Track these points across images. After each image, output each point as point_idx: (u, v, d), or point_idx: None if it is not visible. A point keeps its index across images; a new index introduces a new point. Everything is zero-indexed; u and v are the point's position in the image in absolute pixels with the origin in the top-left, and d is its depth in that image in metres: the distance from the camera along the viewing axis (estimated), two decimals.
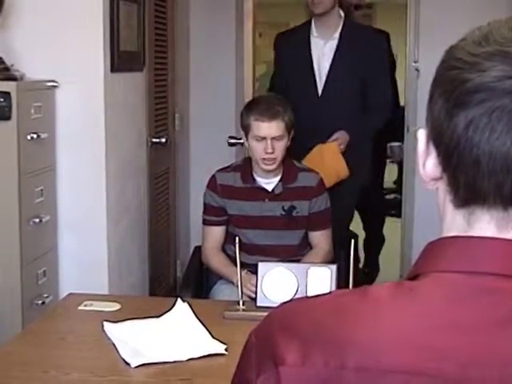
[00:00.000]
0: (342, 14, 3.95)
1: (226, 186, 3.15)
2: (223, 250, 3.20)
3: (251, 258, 3.02)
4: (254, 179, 3.13)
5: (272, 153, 3.02)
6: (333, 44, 3.86)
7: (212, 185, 3.18)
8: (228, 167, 3.24)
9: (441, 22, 4.46)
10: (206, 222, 3.21)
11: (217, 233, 3.19)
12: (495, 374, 0.73)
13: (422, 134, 0.84)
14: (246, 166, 3.17)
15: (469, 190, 0.78)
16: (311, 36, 3.92)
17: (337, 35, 3.87)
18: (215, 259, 3.16)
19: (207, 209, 3.20)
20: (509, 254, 0.77)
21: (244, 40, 4.12)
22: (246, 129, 3.10)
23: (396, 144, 5.63)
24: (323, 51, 3.87)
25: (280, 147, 3.04)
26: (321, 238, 3.18)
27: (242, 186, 3.14)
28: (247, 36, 4.20)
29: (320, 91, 3.85)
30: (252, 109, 3.10)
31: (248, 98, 4.22)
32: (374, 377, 0.75)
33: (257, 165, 3.10)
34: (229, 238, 3.15)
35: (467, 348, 0.74)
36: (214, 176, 3.19)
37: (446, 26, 3.39)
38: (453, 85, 0.77)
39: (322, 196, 3.17)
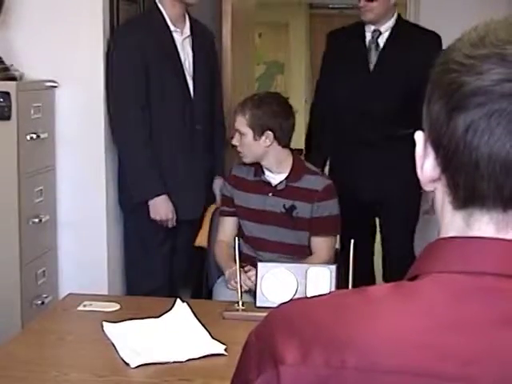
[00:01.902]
0: None
1: (238, 178, 3.23)
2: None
3: (255, 252, 3.12)
4: (263, 173, 3.19)
5: (238, 146, 3.15)
6: (189, 40, 3.44)
7: (228, 176, 3.30)
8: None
9: (441, 20, 4.45)
10: (220, 213, 3.29)
11: (228, 224, 3.23)
12: (495, 374, 0.73)
13: (419, 136, 0.84)
14: (259, 163, 3.22)
15: (468, 191, 0.78)
16: (171, 29, 3.38)
17: (188, 30, 3.44)
18: (219, 252, 3.20)
19: (223, 200, 3.30)
20: (508, 254, 0.78)
21: (223, 42, 4.05)
22: None
23: None
24: (184, 47, 3.43)
25: (244, 143, 3.12)
26: (321, 245, 3.12)
27: (252, 179, 3.20)
28: (226, 38, 4.11)
29: (192, 93, 3.44)
30: None
31: (229, 100, 4.07)
32: (373, 376, 0.75)
33: None
34: (240, 233, 3.19)
35: (467, 347, 0.74)
36: (231, 169, 3.32)
37: (446, 24, 3.38)
38: (451, 88, 0.78)
39: (327, 202, 3.10)
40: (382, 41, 3.84)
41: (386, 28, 3.83)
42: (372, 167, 3.75)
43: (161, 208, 3.34)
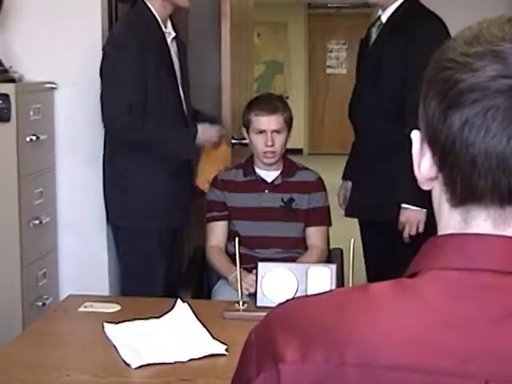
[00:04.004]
0: None
1: (226, 181, 3.25)
2: (226, 248, 3.23)
3: (252, 251, 3.12)
4: (255, 172, 3.24)
5: (272, 145, 3.15)
6: (175, 40, 3.35)
7: (214, 182, 3.29)
8: (231, 167, 3.39)
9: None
10: (208, 219, 3.27)
11: (219, 229, 3.23)
12: (492, 370, 0.73)
13: (416, 135, 0.84)
14: (247, 162, 3.30)
15: (465, 188, 0.79)
16: (163, 30, 3.27)
17: (172, 31, 3.33)
18: (215, 258, 3.20)
19: (209, 205, 3.27)
20: (506, 250, 0.78)
21: (222, 43, 4.01)
22: (247, 124, 3.23)
23: None
24: (173, 50, 3.32)
25: (279, 140, 3.18)
26: (316, 236, 3.22)
27: (243, 179, 3.25)
28: (224, 37, 4.07)
29: (182, 95, 3.34)
30: (252, 105, 3.25)
31: (229, 100, 4.00)
32: (374, 373, 0.75)
33: (258, 159, 3.23)
34: (231, 237, 3.18)
35: (465, 344, 0.75)
36: (216, 175, 3.31)
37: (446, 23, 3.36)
38: (446, 85, 0.78)
39: (320, 193, 3.25)
40: (376, 32, 3.30)
41: (385, 15, 3.25)
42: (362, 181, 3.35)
43: (208, 131, 3.30)
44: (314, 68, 12.14)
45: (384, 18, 3.26)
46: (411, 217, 3.06)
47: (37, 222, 3.13)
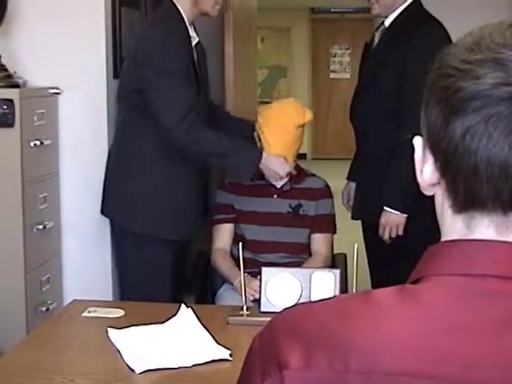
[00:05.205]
0: None
1: (234, 184, 3.27)
2: (231, 251, 3.24)
3: (257, 256, 3.15)
4: (264, 177, 3.23)
5: None
6: (196, 48, 3.23)
7: (221, 185, 3.33)
8: None
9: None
10: (215, 222, 3.28)
11: (225, 232, 3.25)
12: (496, 376, 0.73)
13: (418, 141, 0.85)
14: None
15: (468, 195, 0.79)
16: (190, 34, 3.17)
17: (195, 36, 3.24)
18: (220, 261, 3.22)
19: (216, 208, 3.29)
20: (509, 256, 0.78)
21: (225, 47, 3.99)
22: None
23: None
24: (195, 56, 3.20)
25: None
26: (321, 242, 3.24)
27: (251, 183, 3.25)
28: (228, 42, 4.05)
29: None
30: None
31: (232, 105, 3.96)
32: (377, 379, 0.75)
33: None
34: (236, 240, 3.18)
35: (469, 350, 0.75)
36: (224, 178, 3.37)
37: (447, 27, 3.35)
38: (448, 93, 0.78)
39: (327, 200, 3.28)
40: (379, 37, 3.32)
41: (388, 20, 3.27)
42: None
43: (276, 161, 3.14)
44: (318, 72, 12.15)
45: (387, 23, 3.29)
46: (390, 220, 3.13)
47: (40, 226, 3.13)
